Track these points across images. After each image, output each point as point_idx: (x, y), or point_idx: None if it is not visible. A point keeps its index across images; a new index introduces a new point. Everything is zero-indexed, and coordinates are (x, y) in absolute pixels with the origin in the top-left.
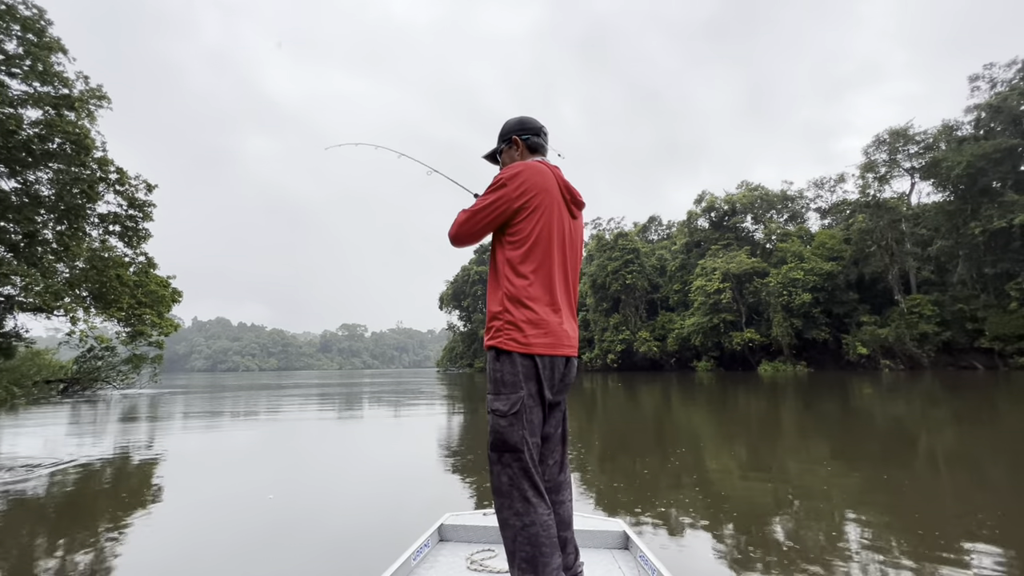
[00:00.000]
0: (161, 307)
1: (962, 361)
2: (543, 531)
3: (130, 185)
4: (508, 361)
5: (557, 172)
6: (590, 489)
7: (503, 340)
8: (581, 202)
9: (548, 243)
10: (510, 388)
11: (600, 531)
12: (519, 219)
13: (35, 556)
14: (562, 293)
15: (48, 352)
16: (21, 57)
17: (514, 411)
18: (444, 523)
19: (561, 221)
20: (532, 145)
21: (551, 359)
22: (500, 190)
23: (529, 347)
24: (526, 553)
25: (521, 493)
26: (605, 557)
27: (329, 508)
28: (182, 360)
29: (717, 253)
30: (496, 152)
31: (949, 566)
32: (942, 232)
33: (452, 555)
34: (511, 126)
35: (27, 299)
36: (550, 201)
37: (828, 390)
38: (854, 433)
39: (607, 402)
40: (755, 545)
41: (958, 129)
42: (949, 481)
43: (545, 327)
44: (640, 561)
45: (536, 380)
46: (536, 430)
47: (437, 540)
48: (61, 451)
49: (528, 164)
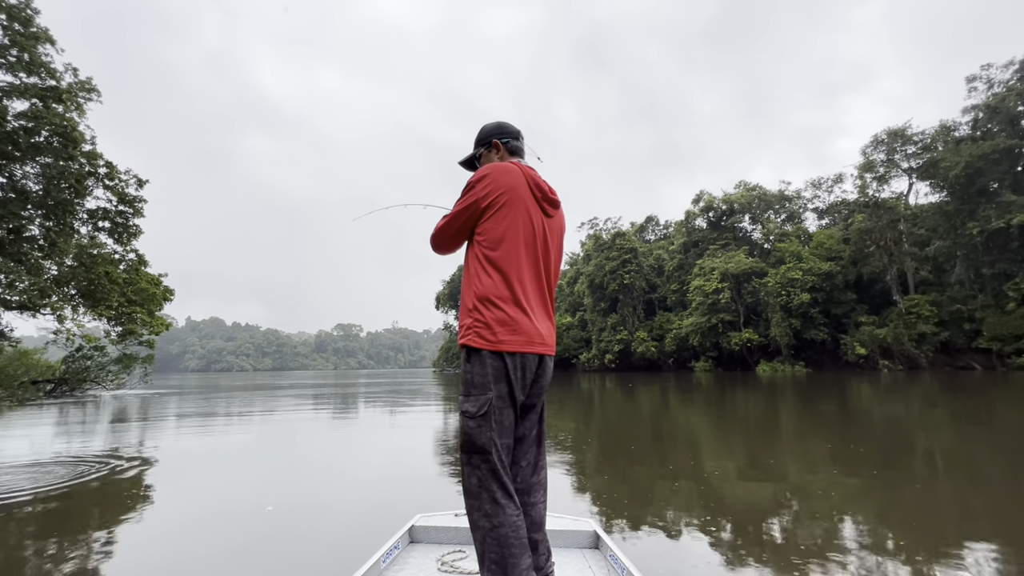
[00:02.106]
0: (152, 305)
1: (960, 361)
2: (512, 532)
3: (120, 180)
4: (478, 361)
5: (529, 172)
6: (579, 489)
7: (472, 338)
8: (556, 200)
9: (517, 242)
10: (479, 389)
11: (571, 531)
12: (487, 219)
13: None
14: (535, 292)
15: (36, 352)
16: (6, 47)
17: (482, 412)
18: (415, 524)
19: (531, 220)
20: (512, 148)
21: (522, 358)
22: (470, 192)
23: (498, 344)
24: (495, 554)
25: (490, 495)
26: (576, 557)
27: (303, 511)
28: (175, 360)
29: (715, 253)
30: (475, 157)
31: (948, 568)
32: (940, 232)
33: (423, 557)
34: (490, 130)
35: (12, 297)
36: (518, 200)
37: (827, 390)
38: (854, 433)
39: (604, 402)
40: (745, 546)
41: (956, 130)
42: (948, 482)
43: (514, 325)
44: (610, 560)
45: (506, 381)
46: (506, 432)
47: (408, 542)
48: (48, 450)
49: (496, 165)
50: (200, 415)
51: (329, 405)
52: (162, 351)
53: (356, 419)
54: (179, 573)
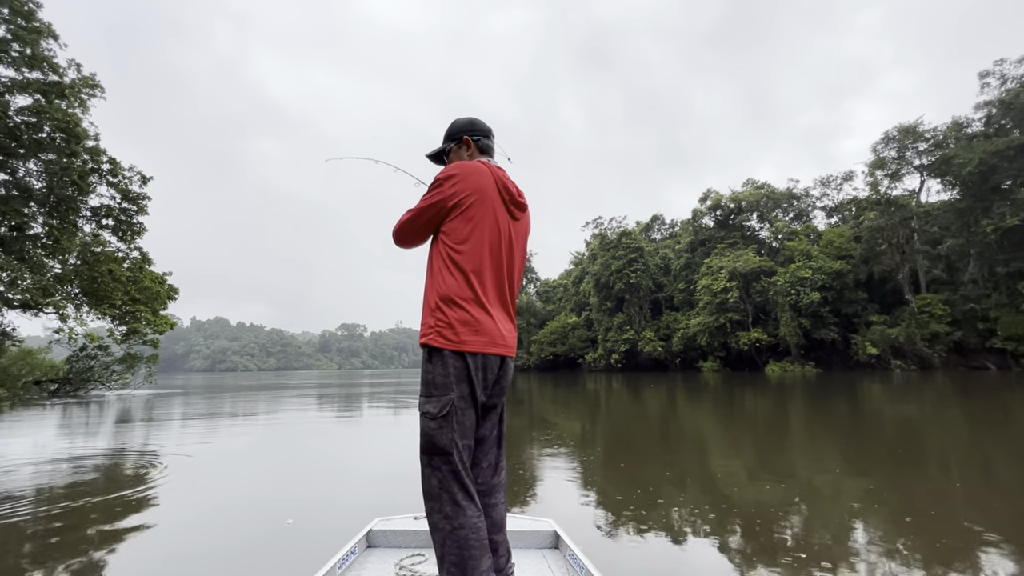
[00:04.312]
0: (156, 304)
1: (974, 361)
2: (472, 534)
3: (124, 177)
4: (440, 361)
5: (498, 173)
6: (578, 491)
7: (434, 338)
8: (523, 203)
9: (482, 243)
10: (440, 390)
11: (531, 531)
12: (453, 218)
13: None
14: (498, 293)
15: (40, 351)
16: (8, 41)
17: (443, 413)
18: (373, 528)
19: (497, 222)
20: (482, 146)
21: (484, 359)
22: (437, 189)
23: (460, 345)
24: (455, 556)
25: (451, 496)
26: (535, 557)
27: (267, 514)
28: (180, 360)
29: (723, 252)
30: (444, 151)
31: (964, 574)
32: (953, 230)
33: (380, 561)
34: (461, 126)
35: (14, 295)
36: (485, 201)
37: (839, 391)
38: (869, 435)
39: (611, 403)
40: (755, 549)
41: (968, 126)
42: (964, 485)
43: (477, 326)
44: (569, 560)
45: (468, 382)
46: (468, 432)
47: (365, 547)
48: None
49: (464, 164)
50: (206, 416)
51: (333, 405)
52: (167, 351)
53: (362, 419)
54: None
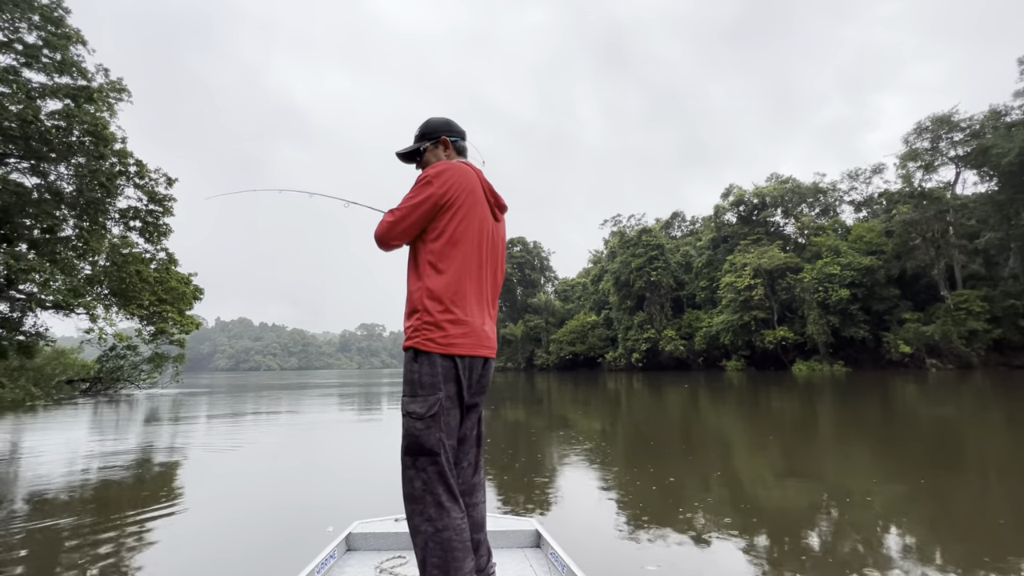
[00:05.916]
0: (182, 304)
1: (1015, 360)
2: (456, 536)
3: (150, 179)
4: (427, 362)
5: (480, 175)
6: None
7: (422, 340)
8: (504, 205)
9: (469, 243)
10: (428, 390)
11: (512, 531)
12: (443, 217)
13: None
14: (482, 295)
15: (72, 351)
16: (39, 47)
17: (431, 413)
18: (352, 531)
19: (483, 223)
20: (459, 148)
21: (470, 360)
22: (426, 188)
23: (450, 347)
24: (438, 559)
25: (435, 498)
26: (517, 556)
27: (267, 514)
28: (206, 360)
29: (747, 248)
30: (419, 150)
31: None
32: (991, 224)
33: (360, 565)
34: (438, 125)
35: (47, 296)
36: (473, 202)
37: (873, 391)
38: (906, 438)
39: (631, 402)
40: (782, 555)
41: (1007, 115)
42: (1004, 491)
43: (466, 327)
44: (551, 559)
45: (455, 381)
46: (453, 432)
47: (345, 550)
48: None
49: (451, 163)
50: (232, 416)
51: (352, 403)
52: (192, 351)
53: (383, 420)
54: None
